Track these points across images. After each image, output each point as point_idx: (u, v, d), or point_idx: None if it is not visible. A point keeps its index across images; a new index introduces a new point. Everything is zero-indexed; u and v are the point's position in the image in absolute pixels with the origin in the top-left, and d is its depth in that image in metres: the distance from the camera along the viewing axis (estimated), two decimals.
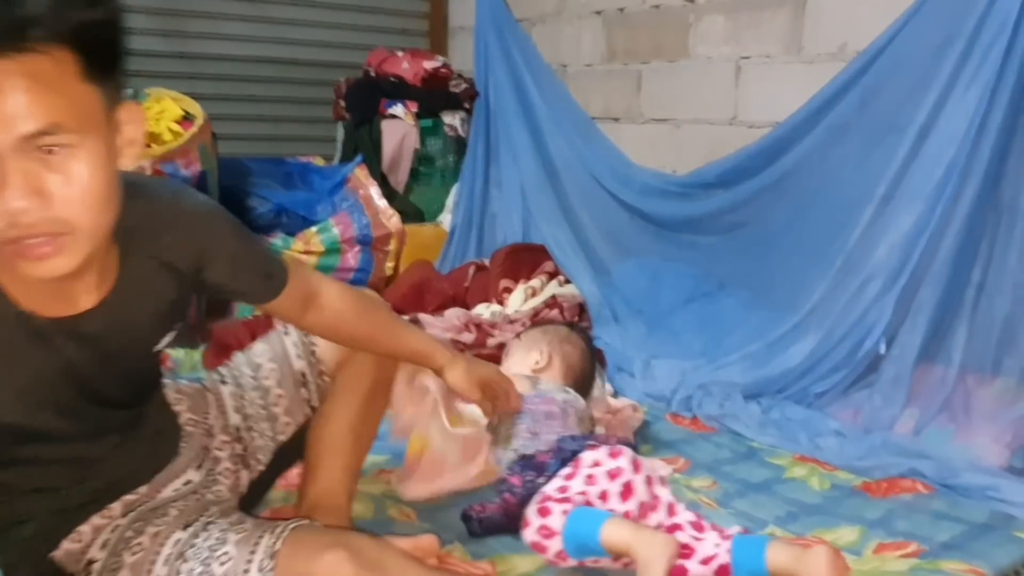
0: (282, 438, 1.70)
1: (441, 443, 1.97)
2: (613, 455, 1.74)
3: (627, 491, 1.69)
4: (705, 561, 1.62)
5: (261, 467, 1.68)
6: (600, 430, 2.35)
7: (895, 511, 2.07)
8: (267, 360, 1.69)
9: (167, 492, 1.44)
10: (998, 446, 2.30)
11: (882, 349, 2.61)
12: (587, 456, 1.75)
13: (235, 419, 1.65)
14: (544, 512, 1.64)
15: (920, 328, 2.53)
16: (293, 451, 1.72)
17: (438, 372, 1.78)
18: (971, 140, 2.45)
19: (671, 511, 1.70)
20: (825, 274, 2.76)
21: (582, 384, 2.23)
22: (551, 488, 1.70)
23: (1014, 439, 2.30)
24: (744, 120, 3.28)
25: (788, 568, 1.55)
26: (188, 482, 1.48)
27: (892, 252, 2.61)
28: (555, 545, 1.63)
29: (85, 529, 1.34)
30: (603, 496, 1.67)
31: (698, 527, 1.68)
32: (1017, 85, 2.39)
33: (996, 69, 2.40)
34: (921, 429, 2.45)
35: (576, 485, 1.69)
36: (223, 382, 1.68)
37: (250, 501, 1.68)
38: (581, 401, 2.12)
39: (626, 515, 1.65)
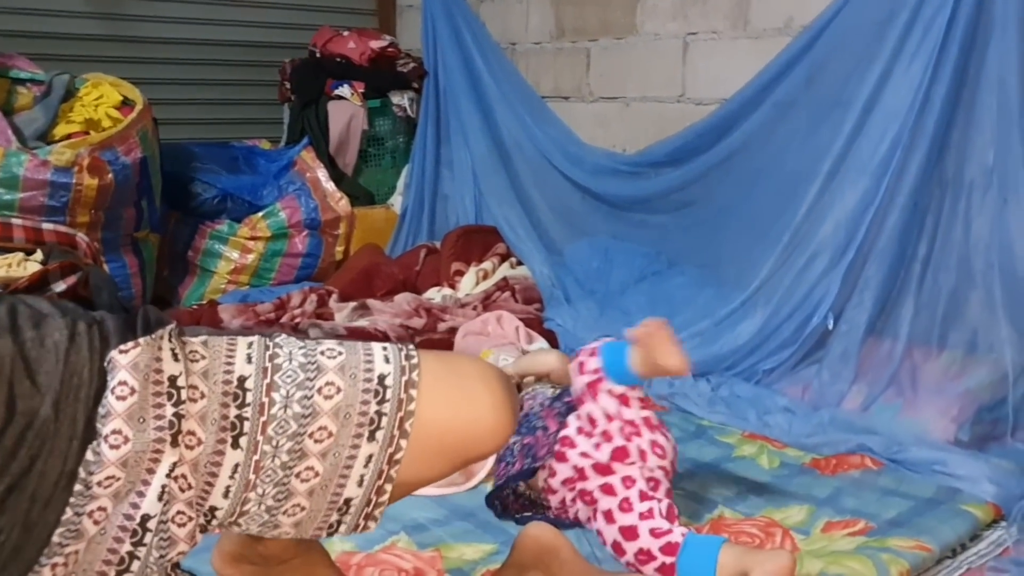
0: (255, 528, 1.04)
1: None
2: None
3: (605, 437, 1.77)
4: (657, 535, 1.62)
5: None
6: None
7: (844, 488, 2.08)
8: (334, 367, 1.04)
9: None
10: (944, 420, 2.32)
11: (830, 325, 2.62)
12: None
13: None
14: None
15: (867, 304, 2.54)
16: None
17: None
18: (915, 114, 2.46)
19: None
20: (772, 251, 2.76)
21: None
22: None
23: (960, 413, 2.31)
24: (692, 97, 3.26)
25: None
26: None
27: (838, 228, 2.61)
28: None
29: None
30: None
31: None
32: (959, 58, 2.39)
33: (938, 42, 2.40)
34: (869, 405, 2.47)
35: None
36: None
37: None
38: None
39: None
